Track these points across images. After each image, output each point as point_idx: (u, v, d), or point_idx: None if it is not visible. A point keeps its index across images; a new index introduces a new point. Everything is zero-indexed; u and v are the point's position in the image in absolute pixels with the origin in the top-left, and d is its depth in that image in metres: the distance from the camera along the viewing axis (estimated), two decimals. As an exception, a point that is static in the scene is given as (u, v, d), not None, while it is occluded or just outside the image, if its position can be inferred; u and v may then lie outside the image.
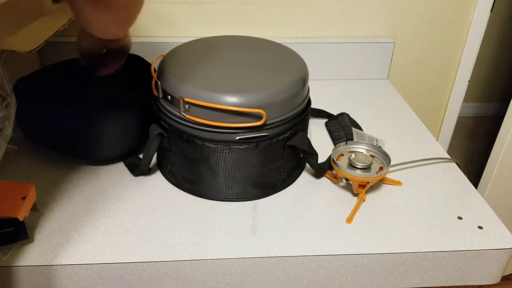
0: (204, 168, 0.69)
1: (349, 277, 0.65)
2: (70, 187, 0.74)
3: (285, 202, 0.72)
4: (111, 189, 0.73)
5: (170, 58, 0.72)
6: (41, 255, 0.61)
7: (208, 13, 1.08)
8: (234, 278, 0.63)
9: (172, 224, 0.67)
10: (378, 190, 0.75)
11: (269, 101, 0.65)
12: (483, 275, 0.67)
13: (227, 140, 0.66)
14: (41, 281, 0.61)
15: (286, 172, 0.73)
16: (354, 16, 1.11)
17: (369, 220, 0.68)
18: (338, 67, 1.13)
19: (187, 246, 0.63)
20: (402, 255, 0.63)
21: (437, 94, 1.25)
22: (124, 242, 0.63)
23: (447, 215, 0.70)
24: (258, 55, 0.75)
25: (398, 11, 1.12)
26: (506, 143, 1.27)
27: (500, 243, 0.65)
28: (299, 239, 0.65)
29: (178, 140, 0.69)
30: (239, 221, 0.68)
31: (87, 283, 0.62)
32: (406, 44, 1.16)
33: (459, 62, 1.20)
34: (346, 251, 0.63)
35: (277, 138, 0.68)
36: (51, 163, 0.79)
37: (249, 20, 1.10)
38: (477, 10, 1.12)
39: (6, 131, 0.58)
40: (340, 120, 0.91)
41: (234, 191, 0.71)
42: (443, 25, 1.15)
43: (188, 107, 0.65)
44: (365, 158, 0.72)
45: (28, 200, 0.58)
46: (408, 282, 0.66)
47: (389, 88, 1.12)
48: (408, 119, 0.97)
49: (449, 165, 0.82)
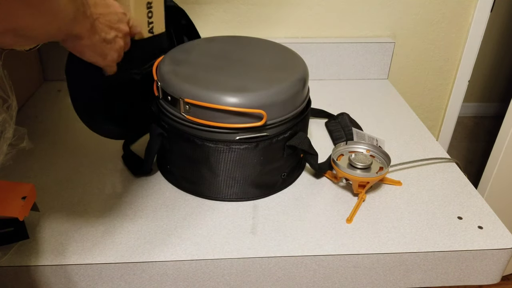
0: (204, 168, 0.69)
1: (349, 277, 0.65)
2: (70, 187, 0.74)
3: (285, 202, 0.72)
4: (111, 189, 0.73)
5: (170, 58, 0.72)
6: (41, 255, 0.61)
7: (208, 13, 1.08)
8: (234, 278, 0.63)
9: (172, 224, 0.67)
10: (378, 190, 0.75)
11: (269, 101, 0.65)
12: (483, 275, 0.67)
13: (227, 140, 0.66)
14: (41, 281, 0.61)
15: (286, 172, 0.73)
16: (354, 16, 1.11)
17: (369, 220, 0.68)
18: (338, 67, 1.13)
19: (187, 246, 0.63)
20: (402, 255, 0.63)
21: (437, 94, 1.25)
22: (124, 242, 0.63)
23: (447, 215, 0.70)
24: (258, 55, 0.75)
25: (398, 11, 1.12)
26: (506, 143, 1.27)
27: (500, 243, 0.65)
28: (299, 239, 0.65)
29: (178, 140, 0.69)
30: (239, 221, 0.68)
31: (87, 283, 0.62)
32: (406, 44, 1.16)
33: (459, 62, 1.20)
34: (346, 251, 0.63)
35: (277, 138, 0.68)
36: (51, 163, 0.79)
37: (249, 20, 1.10)
38: (477, 10, 1.12)
39: (7, 133, 0.58)
40: (340, 120, 0.91)
41: (234, 191, 0.71)
42: (443, 25, 1.15)
43: (188, 107, 0.65)
44: (365, 158, 0.72)
45: (28, 200, 0.58)
46: (408, 282, 0.66)
47: (389, 88, 1.12)
48: (408, 119, 0.97)
49: (449, 165, 0.82)
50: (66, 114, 0.95)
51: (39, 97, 1.03)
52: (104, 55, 0.61)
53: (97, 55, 0.60)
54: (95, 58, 0.60)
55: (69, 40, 0.55)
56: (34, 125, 0.91)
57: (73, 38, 0.54)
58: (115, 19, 0.61)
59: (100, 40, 0.58)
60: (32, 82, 1.05)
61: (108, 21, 0.60)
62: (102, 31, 0.58)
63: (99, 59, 0.61)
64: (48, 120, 0.93)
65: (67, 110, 0.97)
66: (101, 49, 0.60)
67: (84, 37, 0.55)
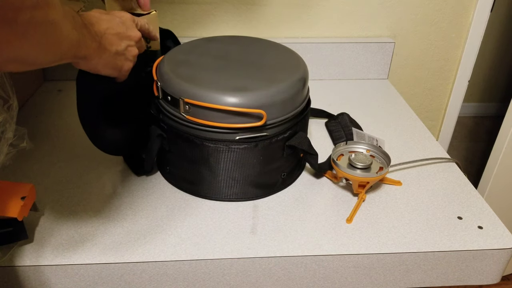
0: (204, 168, 0.69)
1: (349, 277, 0.65)
2: (70, 187, 0.74)
3: (285, 202, 0.72)
4: (111, 189, 0.73)
5: (170, 58, 0.72)
6: (41, 255, 0.61)
7: (208, 13, 1.08)
8: (234, 278, 0.63)
9: (172, 224, 0.66)
10: (378, 190, 0.75)
11: (269, 101, 0.65)
12: (483, 275, 0.67)
13: (226, 140, 0.66)
14: (41, 281, 0.61)
15: (286, 172, 0.73)
16: (354, 16, 1.11)
17: (369, 220, 0.68)
18: (338, 67, 1.13)
19: (187, 246, 0.63)
20: (402, 255, 0.63)
21: (437, 94, 1.25)
22: (124, 242, 0.63)
23: (447, 215, 0.70)
24: (258, 55, 0.75)
25: (398, 11, 1.12)
26: (506, 143, 1.27)
27: (500, 243, 0.65)
28: (299, 239, 0.64)
29: (177, 141, 0.69)
30: (239, 221, 0.68)
31: (87, 283, 0.62)
32: (406, 44, 1.16)
33: (459, 62, 1.20)
34: (346, 251, 0.63)
35: (276, 138, 0.68)
36: (51, 163, 0.79)
37: (249, 20, 1.10)
38: (477, 10, 1.12)
39: (8, 134, 0.58)
40: (340, 120, 0.91)
41: (234, 191, 0.71)
42: (443, 25, 1.14)
43: (188, 107, 0.65)
44: (365, 158, 0.72)
45: (28, 200, 0.58)
46: (408, 282, 0.66)
47: (389, 88, 1.12)
48: (408, 119, 0.97)
49: (449, 165, 0.82)
50: (66, 114, 0.95)
51: (39, 97, 1.03)
52: (119, 68, 0.60)
53: (111, 68, 0.59)
54: (110, 72, 0.59)
55: (79, 62, 0.54)
56: (34, 125, 0.91)
57: (82, 60, 0.53)
58: (123, 29, 0.59)
59: (112, 55, 0.57)
60: (32, 82, 1.05)
61: (117, 33, 0.58)
62: (112, 45, 0.57)
63: (115, 71, 0.60)
64: (48, 120, 0.93)
65: (67, 110, 0.97)
66: (114, 62, 0.58)
67: (94, 57, 0.54)
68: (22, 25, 0.38)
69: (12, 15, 0.37)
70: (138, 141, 0.75)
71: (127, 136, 0.73)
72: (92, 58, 0.54)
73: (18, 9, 0.37)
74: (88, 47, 0.51)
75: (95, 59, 0.54)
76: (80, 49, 0.50)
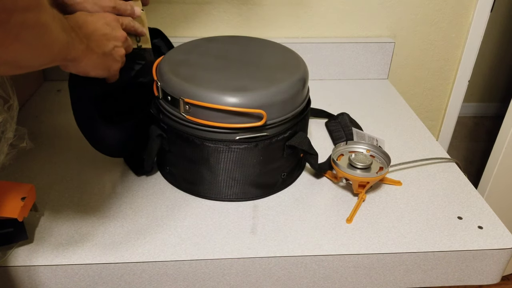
0: (204, 168, 0.69)
1: (349, 277, 0.65)
2: (70, 187, 0.74)
3: (285, 202, 0.72)
4: (111, 189, 0.73)
5: (170, 58, 0.72)
6: (41, 255, 0.61)
7: (208, 13, 1.08)
8: (234, 278, 0.63)
9: (172, 224, 0.66)
10: (378, 190, 0.75)
11: (269, 101, 0.65)
12: (483, 275, 0.67)
13: (226, 140, 0.66)
14: (41, 281, 0.61)
15: (286, 172, 0.73)
16: (354, 16, 1.11)
17: (369, 220, 0.68)
18: (338, 67, 1.13)
19: (187, 246, 0.63)
20: (402, 255, 0.63)
21: (437, 94, 1.25)
22: (124, 242, 0.63)
23: (447, 215, 0.70)
24: (258, 55, 0.75)
25: (398, 11, 1.12)
26: (506, 143, 1.27)
27: (500, 243, 0.65)
28: (299, 239, 0.64)
29: (177, 141, 0.69)
30: (239, 221, 0.68)
31: (87, 283, 0.62)
32: (406, 44, 1.16)
33: (459, 62, 1.20)
34: (346, 251, 0.63)
35: (276, 138, 0.68)
36: (51, 163, 0.79)
37: (249, 20, 1.10)
38: (477, 10, 1.12)
39: (8, 134, 0.59)
40: (340, 120, 0.91)
41: (234, 191, 0.71)
42: (443, 25, 1.14)
43: (188, 107, 0.65)
44: (365, 158, 0.72)
45: (28, 201, 0.58)
46: (408, 282, 0.66)
47: (389, 88, 1.12)
48: (408, 119, 0.97)
49: (449, 165, 0.82)
50: (66, 114, 0.95)
51: (39, 97, 1.03)
52: (107, 68, 0.61)
53: (100, 69, 0.60)
54: (100, 73, 0.60)
55: (68, 65, 0.55)
56: (34, 125, 0.91)
57: (71, 62, 0.54)
58: (109, 30, 0.60)
59: (99, 56, 0.58)
60: (32, 82, 1.05)
61: (103, 34, 0.59)
62: (100, 47, 0.58)
63: (104, 72, 0.61)
64: (48, 120, 0.93)
65: (67, 110, 0.97)
66: (102, 63, 0.59)
67: (82, 58, 0.55)
68: (15, 27, 0.38)
69: (4, 17, 0.37)
70: (137, 142, 0.75)
71: (125, 137, 0.73)
72: (81, 60, 0.55)
73: (10, 10, 0.37)
74: (77, 49, 0.52)
75: (83, 61, 0.55)
76: (70, 51, 0.50)
